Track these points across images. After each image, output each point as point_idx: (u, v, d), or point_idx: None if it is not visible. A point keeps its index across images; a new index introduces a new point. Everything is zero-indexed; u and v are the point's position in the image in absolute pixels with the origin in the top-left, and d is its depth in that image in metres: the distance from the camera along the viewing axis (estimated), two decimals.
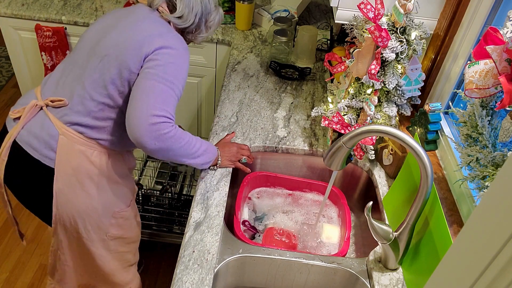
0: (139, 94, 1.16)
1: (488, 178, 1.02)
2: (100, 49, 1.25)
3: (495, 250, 0.48)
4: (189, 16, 1.31)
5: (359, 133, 1.03)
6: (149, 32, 1.23)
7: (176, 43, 1.24)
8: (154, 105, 1.14)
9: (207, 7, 1.34)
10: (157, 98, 1.15)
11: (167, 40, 1.22)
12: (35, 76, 2.37)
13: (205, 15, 1.35)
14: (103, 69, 1.23)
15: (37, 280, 2.09)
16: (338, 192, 1.47)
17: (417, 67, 1.28)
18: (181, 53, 1.23)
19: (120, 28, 1.26)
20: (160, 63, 1.18)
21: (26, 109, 1.28)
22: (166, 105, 1.17)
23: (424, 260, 1.05)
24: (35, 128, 1.27)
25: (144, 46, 1.20)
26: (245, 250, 1.19)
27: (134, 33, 1.23)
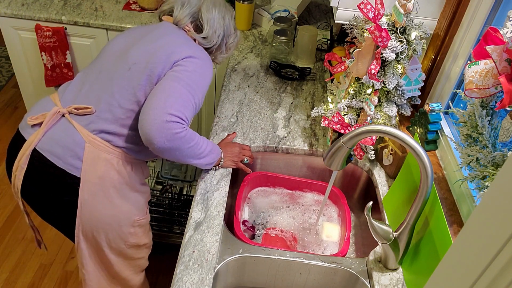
0: (160, 93, 1.18)
1: (488, 178, 1.02)
2: (128, 58, 1.28)
3: (495, 250, 0.48)
4: (213, 37, 1.38)
5: (359, 133, 1.03)
6: (178, 43, 1.29)
7: (204, 56, 1.31)
8: (171, 105, 1.16)
9: (228, 30, 1.42)
10: (177, 99, 1.17)
11: (196, 52, 1.28)
12: (35, 76, 2.37)
13: (226, 37, 1.43)
14: (132, 76, 1.25)
15: (37, 280, 2.09)
16: (338, 192, 1.47)
17: (417, 67, 1.28)
18: (207, 65, 1.29)
19: (148, 39, 1.30)
20: (187, 69, 1.23)
21: (48, 115, 1.25)
22: (184, 108, 1.18)
23: (424, 260, 1.05)
24: (59, 135, 1.25)
25: (174, 53, 1.25)
26: (245, 250, 1.19)
27: (163, 42, 1.28)
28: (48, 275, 2.11)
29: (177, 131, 1.15)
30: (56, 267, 2.14)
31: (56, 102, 1.30)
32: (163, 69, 1.24)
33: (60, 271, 2.14)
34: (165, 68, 1.24)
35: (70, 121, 1.26)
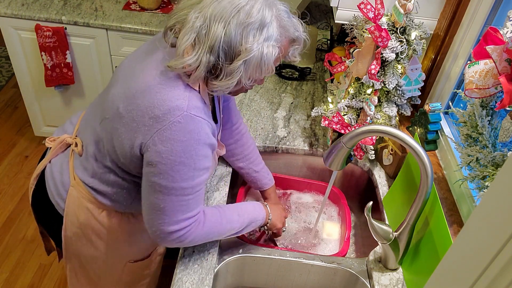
0: (149, 209, 1.00)
1: (488, 178, 1.02)
2: (105, 106, 1.06)
3: (495, 250, 0.48)
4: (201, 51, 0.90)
5: (359, 133, 1.03)
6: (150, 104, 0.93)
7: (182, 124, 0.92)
8: (165, 222, 0.98)
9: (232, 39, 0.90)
10: (169, 215, 0.98)
11: (168, 128, 0.92)
12: (35, 76, 2.37)
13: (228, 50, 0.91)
14: (100, 134, 1.07)
15: (37, 280, 2.09)
16: (338, 192, 1.47)
17: (417, 67, 1.28)
18: (189, 140, 0.93)
19: (124, 82, 1.02)
20: (164, 169, 0.94)
21: (56, 143, 1.19)
22: (182, 215, 0.99)
23: (424, 260, 1.05)
24: (55, 169, 1.18)
25: (140, 132, 0.95)
26: (245, 250, 1.19)
27: (132, 101, 0.97)
28: (48, 275, 2.11)
29: (186, 241, 1.02)
30: (56, 267, 2.14)
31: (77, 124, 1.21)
32: (131, 154, 0.99)
33: (60, 271, 2.13)
34: (133, 153, 0.98)
35: (70, 156, 1.17)
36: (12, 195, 2.46)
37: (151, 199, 0.98)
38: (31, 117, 2.58)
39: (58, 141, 1.18)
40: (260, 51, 0.90)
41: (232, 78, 0.93)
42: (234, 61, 0.91)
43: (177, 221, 0.99)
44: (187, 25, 0.90)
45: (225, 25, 0.89)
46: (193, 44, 0.91)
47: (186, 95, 0.94)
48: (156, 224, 0.99)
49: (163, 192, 0.96)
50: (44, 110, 2.53)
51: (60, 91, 2.40)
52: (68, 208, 1.15)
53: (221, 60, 0.91)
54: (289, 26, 0.97)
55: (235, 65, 0.91)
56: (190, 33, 0.90)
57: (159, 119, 0.92)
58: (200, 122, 0.94)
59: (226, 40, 0.89)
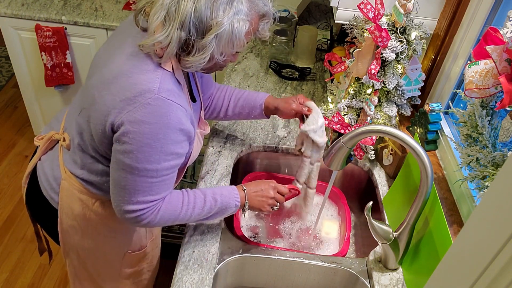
0: (113, 185, 1.02)
1: (488, 178, 1.02)
2: (83, 97, 1.08)
3: (495, 250, 0.48)
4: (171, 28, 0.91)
5: (359, 133, 1.03)
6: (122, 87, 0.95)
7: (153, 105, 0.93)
8: (124, 200, 1.00)
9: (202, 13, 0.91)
10: (128, 191, 0.99)
11: (140, 108, 0.93)
12: (35, 76, 2.37)
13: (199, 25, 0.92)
14: (79, 125, 1.08)
15: (37, 280, 2.09)
16: (338, 192, 1.47)
17: (417, 67, 1.28)
18: (160, 123, 0.94)
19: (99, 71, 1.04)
20: (130, 148, 0.95)
21: (44, 140, 1.20)
22: (142, 196, 1.00)
23: (424, 260, 1.05)
24: (46, 165, 1.20)
25: (112, 113, 0.95)
26: (245, 250, 1.19)
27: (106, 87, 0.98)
28: (48, 275, 2.11)
29: (144, 222, 1.03)
30: (56, 267, 2.14)
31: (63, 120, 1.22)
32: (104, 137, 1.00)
33: (60, 271, 2.13)
34: (106, 135, 0.99)
35: (59, 151, 1.18)
36: (12, 195, 2.46)
37: (115, 176, 1.00)
38: (31, 117, 2.58)
39: (46, 138, 1.19)
40: (231, 25, 0.92)
41: (205, 53, 0.94)
42: (206, 36, 0.92)
43: (135, 202, 1.00)
44: (157, 3, 0.92)
45: (195, 0, 0.90)
46: (163, 22, 0.92)
47: (158, 78, 0.95)
48: (116, 200, 1.02)
49: (127, 171, 0.97)
50: (44, 110, 2.53)
51: (60, 91, 2.40)
52: (62, 201, 1.16)
53: (193, 35, 0.92)
54: (258, 1, 0.98)
55: (206, 39, 0.92)
56: (160, 11, 0.91)
57: (130, 101, 0.93)
58: (171, 105, 0.95)
59: (197, 16, 0.91)
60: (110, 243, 1.22)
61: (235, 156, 1.44)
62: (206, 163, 1.40)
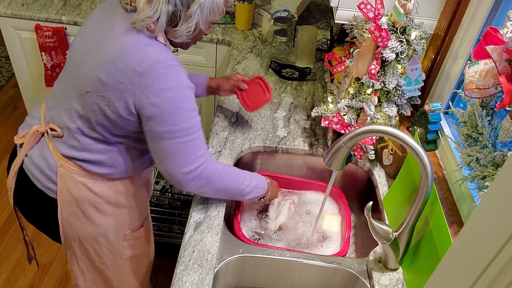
0: (163, 159, 1.11)
1: (488, 178, 1.02)
2: (81, 82, 1.10)
3: (495, 250, 0.48)
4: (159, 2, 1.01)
5: (359, 133, 1.03)
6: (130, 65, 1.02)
7: (166, 73, 1.03)
8: (181, 164, 1.10)
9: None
10: (182, 156, 1.10)
11: (155, 80, 1.02)
12: (35, 76, 2.37)
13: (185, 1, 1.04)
14: (87, 107, 1.11)
15: (37, 280, 2.09)
16: (338, 192, 1.47)
17: (417, 67, 1.28)
18: (176, 85, 1.05)
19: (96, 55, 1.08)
20: (163, 116, 1.05)
21: (28, 135, 1.22)
22: (194, 154, 1.11)
23: (424, 260, 1.05)
24: (36, 157, 1.21)
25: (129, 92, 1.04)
26: (245, 250, 1.19)
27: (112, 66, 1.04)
28: (48, 275, 2.11)
29: (202, 177, 1.13)
30: (56, 267, 2.14)
31: (41, 116, 1.24)
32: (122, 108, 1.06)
33: (60, 271, 2.13)
34: (123, 108, 1.06)
35: (48, 142, 1.20)
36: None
37: (161, 148, 1.09)
38: None
39: (30, 133, 1.21)
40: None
41: (191, 22, 1.06)
42: (191, 6, 1.04)
43: (191, 161, 1.10)
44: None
45: None
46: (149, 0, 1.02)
47: (160, 49, 1.06)
48: (174, 169, 1.10)
49: (169, 137, 1.07)
50: None
51: None
52: (61, 189, 1.19)
53: (178, 7, 1.04)
54: None
55: (191, 9, 1.04)
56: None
57: (144, 74, 1.02)
58: (179, 69, 1.07)
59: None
60: (111, 224, 1.26)
61: (235, 156, 1.44)
62: None
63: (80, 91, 1.11)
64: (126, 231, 1.31)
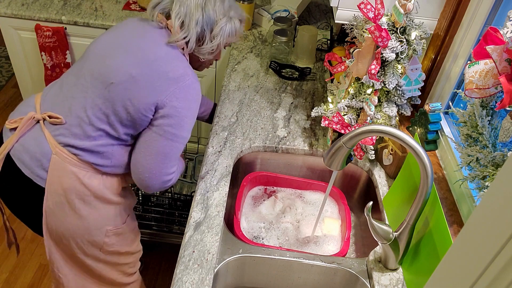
0: (155, 157, 1.22)
1: (488, 178, 1.02)
2: (106, 73, 1.19)
3: (495, 250, 0.48)
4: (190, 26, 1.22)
5: (359, 133, 1.03)
6: (163, 70, 1.18)
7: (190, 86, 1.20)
8: (168, 165, 1.24)
9: (210, 17, 1.24)
10: (172, 157, 1.23)
11: (182, 88, 1.19)
12: (35, 76, 2.37)
13: (210, 24, 1.24)
14: (108, 97, 1.18)
15: (37, 280, 2.09)
16: (338, 192, 1.47)
17: (417, 67, 1.28)
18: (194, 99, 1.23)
19: (130, 54, 1.21)
20: (176, 121, 1.19)
21: (23, 121, 1.22)
22: (175, 158, 1.25)
23: (424, 260, 1.05)
24: (29, 144, 1.22)
25: (157, 92, 1.17)
26: (245, 250, 1.19)
27: (146, 67, 1.19)
28: (47, 275, 2.11)
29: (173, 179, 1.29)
30: None
31: (36, 105, 1.26)
32: (143, 106, 1.18)
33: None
34: (146, 105, 1.18)
35: (43, 129, 1.22)
36: None
37: (159, 147, 1.21)
38: None
39: (25, 119, 1.23)
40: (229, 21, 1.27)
41: (214, 42, 1.26)
42: (214, 29, 1.25)
43: (173, 165, 1.26)
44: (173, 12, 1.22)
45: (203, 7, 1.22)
46: (182, 24, 1.23)
47: (187, 65, 1.24)
48: (157, 168, 1.22)
49: (173, 140, 1.21)
50: None
51: None
52: (51, 177, 1.21)
53: (204, 29, 1.24)
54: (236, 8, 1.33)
55: (215, 31, 1.25)
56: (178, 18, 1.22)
57: (174, 81, 1.18)
58: (198, 84, 1.24)
59: (205, 18, 1.23)
60: (93, 216, 1.29)
61: (235, 156, 1.45)
62: (206, 163, 1.40)
63: (103, 82, 1.19)
64: (108, 226, 1.33)
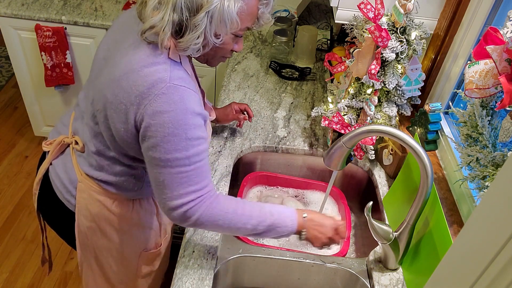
0: (154, 185, 1.01)
1: (488, 178, 1.02)
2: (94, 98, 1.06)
3: (495, 250, 0.48)
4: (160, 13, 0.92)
5: (359, 133, 1.03)
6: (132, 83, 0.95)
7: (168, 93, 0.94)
8: (168, 196, 0.98)
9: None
10: (168, 186, 0.97)
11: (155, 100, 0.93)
12: (35, 76, 2.37)
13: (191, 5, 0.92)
14: (99, 127, 1.07)
15: (37, 280, 2.09)
16: (338, 192, 1.47)
17: (417, 67, 1.28)
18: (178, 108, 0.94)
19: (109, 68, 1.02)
20: (156, 141, 0.95)
21: (54, 145, 1.20)
22: (183, 189, 0.98)
23: (424, 260, 1.05)
24: (59, 168, 1.20)
25: (131, 113, 0.96)
26: (245, 250, 1.19)
27: (116, 85, 0.97)
28: (48, 275, 2.11)
29: (187, 216, 1.00)
30: (55, 268, 2.14)
31: (70, 124, 1.21)
32: (127, 137, 1.00)
33: (60, 271, 2.13)
34: (129, 135, 0.99)
35: (71, 154, 1.18)
36: (12, 195, 2.46)
37: (152, 174, 0.99)
38: (31, 117, 2.58)
39: (56, 142, 1.20)
40: (222, 2, 0.91)
41: (197, 31, 0.93)
42: (197, 14, 0.91)
43: (179, 195, 0.98)
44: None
45: None
46: (158, 7, 0.92)
47: (167, 68, 0.95)
48: (161, 199, 1.00)
49: (160, 165, 0.96)
50: (44, 110, 2.53)
51: (60, 91, 2.40)
52: (79, 204, 1.17)
53: (185, 15, 0.92)
54: None
55: (198, 17, 0.91)
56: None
57: (144, 95, 0.93)
58: (185, 91, 0.95)
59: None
60: (127, 242, 1.24)
61: (235, 156, 1.44)
62: None
63: (94, 108, 1.06)
64: (141, 249, 1.28)
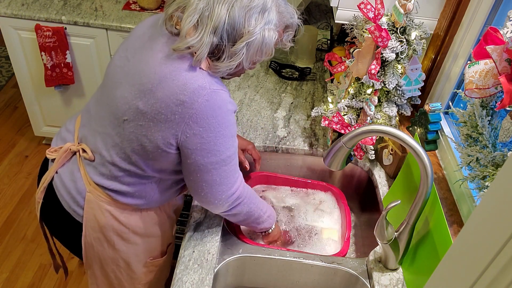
0: (204, 187, 1.05)
1: (488, 178, 1.02)
2: (117, 107, 1.03)
3: (495, 250, 0.48)
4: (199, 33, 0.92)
5: (359, 133, 1.03)
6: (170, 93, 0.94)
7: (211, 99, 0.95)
8: (225, 189, 1.06)
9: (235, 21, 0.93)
10: (225, 182, 1.05)
11: (200, 108, 0.94)
12: (35, 76, 2.37)
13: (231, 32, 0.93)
14: (124, 136, 1.03)
15: (37, 280, 2.09)
16: (338, 192, 1.47)
17: (417, 67, 1.28)
18: (222, 112, 0.97)
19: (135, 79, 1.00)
20: (207, 148, 0.98)
21: (60, 152, 1.16)
22: (233, 177, 1.07)
23: (424, 260, 1.05)
24: (65, 177, 1.16)
25: (172, 122, 0.96)
26: (245, 250, 1.19)
27: (150, 95, 0.96)
28: (48, 275, 2.11)
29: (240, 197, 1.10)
30: None
31: (76, 131, 1.19)
32: (164, 146, 1.00)
33: (60, 272, 2.13)
34: (166, 144, 0.99)
35: (79, 163, 1.15)
36: (12, 195, 2.46)
37: (205, 179, 1.03)
38: (31, 117, 2.58)
39: (62, 150, 1.16)
40: (262, 34, 0.95)
41: (234, 60, 0.96)
42: (237, 43, 0.94)
43: (234, 182, 1.07)
44: (190, 7, 0.92)
45: (229, 7, 0.92)
46: (196, 26, 0.93)
47: (202, 74, 0.97)
48: (218, 195, 1.06)
49: (216, 168, 1.02)
50: (44, 110, 2.53)
51: (60, 91, 2.40)
52: (87, 214, 1.14)
53: (224, 41, 0.94)
54: (286, 13, 1.03)
55: (237, 46, 0.94)
56: (193, 14, 0.92)
57: (187, 103, 0.94)
58: (223, 94, 0.99)
59: (230, 22, 0.92)
60: (133, 251, 1.22)
61: None
62: None
63: (117, 117, 1.03)
64: (148, 257, 1.27)
